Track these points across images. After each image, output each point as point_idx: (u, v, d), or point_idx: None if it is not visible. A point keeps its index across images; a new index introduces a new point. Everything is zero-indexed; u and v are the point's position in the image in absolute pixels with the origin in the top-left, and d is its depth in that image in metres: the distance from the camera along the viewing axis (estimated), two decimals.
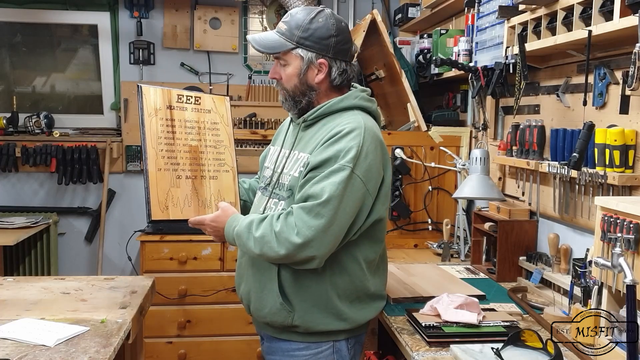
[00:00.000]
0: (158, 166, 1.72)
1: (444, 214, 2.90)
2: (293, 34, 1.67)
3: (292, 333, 1.71)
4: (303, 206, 1.55)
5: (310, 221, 1.52)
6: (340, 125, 1.63)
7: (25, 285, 2.12)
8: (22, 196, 3.92)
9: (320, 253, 1.55)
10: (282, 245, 1.54)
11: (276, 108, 3.92)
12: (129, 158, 3.94)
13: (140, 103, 1.73)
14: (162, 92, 1.77)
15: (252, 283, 1.74)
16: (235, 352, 3.46)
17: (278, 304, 1.66)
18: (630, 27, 1.58)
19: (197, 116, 1.83)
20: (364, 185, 1.59)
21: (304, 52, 1.67)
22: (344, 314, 1.68)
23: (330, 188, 1.53)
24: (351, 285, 1.69)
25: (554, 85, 2.23)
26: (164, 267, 3.39)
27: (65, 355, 1.50)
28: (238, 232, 1.63)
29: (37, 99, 4.03)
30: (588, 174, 1.85)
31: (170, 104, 1.78)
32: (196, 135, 1.82)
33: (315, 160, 1.60)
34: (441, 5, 3.08)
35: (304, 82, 1.70)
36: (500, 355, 1.49)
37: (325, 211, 1.52)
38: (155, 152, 1.72)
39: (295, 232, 1.52)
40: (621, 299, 1.50)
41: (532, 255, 2.25)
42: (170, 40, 3.92)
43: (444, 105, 3.30)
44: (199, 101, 1.84)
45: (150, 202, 1.70)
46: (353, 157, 1.56)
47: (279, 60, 1.72)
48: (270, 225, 1.57)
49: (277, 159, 1.80)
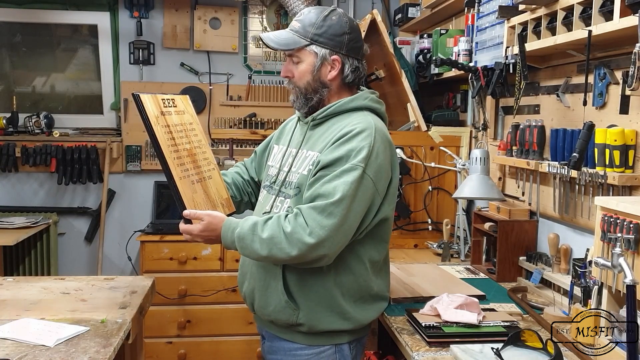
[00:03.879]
0: (179, 175, 1.65)
1: (444, 214, 2.90)
2: (307, 31, 1.69)
3: (296, 333, 1.70)
4: (314, 206, 1.53)
5: (323, 220, 1.51)
6: (350, 124, 1.64)
7: (25, 285, 2.12)
8: (22, 196, 3.92)
9: (331, 252, 1.55)
10: (294, 246, 1.52)
11: (276, 108, 3.91)
12: (128, 158, 3.94)
13: (144, 114, 1.63)
14: (153, 99, 1.69)
15: (257, 281, 1.74)
16: (235, 352, 3.47)
17: (283, 302, 1.66)
18: (630, 27, 1.58)
19: (180, 119, 1.77)
20: (374, 185, 1.60)
21: (318, 49, 1.69)
22: (347, 314, 1.68)
23: (342, 187, 1.53)
24: (355, 284, 1.69)
25: (554, 85, 2.23)
26: (164, 267, 3.39)
27: (65, 355, 1.50)
28: (240, 235, 1.59)
29: (37, 99, 4.03)
30: (588, 174, 1.85)
31: (162, 110, 1.70)
32: (186, 138, 1.75)
33: (326, 159, 1.59)
34: (441, 5, 3.08)
35: (317, 79, 1.71)
36: (500, 355, 1.49)
37: (337, 210, 1.52)
38: (172, 161, 1.65)
39: (308, 232, 1.51)
40: (621, 299, 1.50)
41: (532, 255, 2.25)
42: (170, 40, 3.92)
43: (444, 105, 3.30)
44: (175, 103, 1.78)
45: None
46: (365, 157, 1.57)
47: (291, 57, 1.73)
48: (279, 226, 1.55)
49: (284, 157, 1.79)
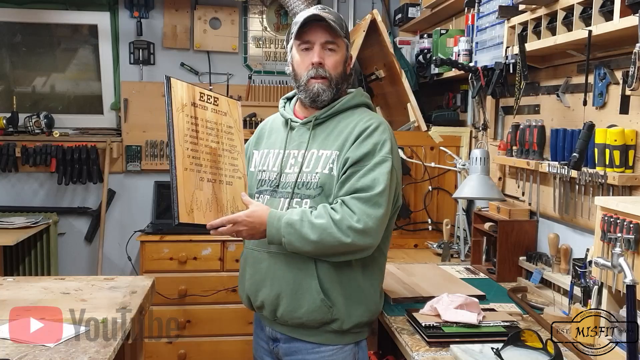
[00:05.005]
0: (184, 165, 1.61)
1: (444, 214, 2.90)
2: (340, 22, 1.73)
3: (325, 333, 1.70)
4: (358, 197, 1.59)
5: (369, 210, 1.57)
6: (363, 121, 1.70)
7: (25, 285, 2.12)
8: (22, 196, 3.92)
9: (375, 242, 1.61)
10: (343, 233, 1.55)
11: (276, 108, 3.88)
12: (128, 158, 3.94)
13: (168, 96, 1.62)
14: (188, 88, 1.69)
15: (283, 285, 1.69)
16: (235, 352, 3.46)
17: (318, 301, 1.65)
18: (630, 27, 1.58)
19: (216, 117, 1.75)
20: (397, 176, 1.70)
21: (346, 42, 1.77)
22: (372, 303, 1.74)
23: (382, 179, 1.60)
24: (378, 272, 1.76)
25: (554, 85, 2.23)
26: (164, 267, 3.39)
27: (65, 355, 1.50)
28: (290, 221, 1.59)
29: (37, 99, 4.03)
30: (588, 174, 1.85)
31: (194, 101, 1.69)
32: (215, 137, 1.73)
33: (354, 156, 1.64)
34: (441, 5, 3.08)
35: (345, 71, 1.77)
36: (500, 355, 1.49)
37: (382, 201, 1.59)
38: (182, 150, 1.61)
39: (356, 220, 1.56)
40: (621, 299, 1.50)
41: (532, 255, 2.25)
42: (170, 40, 3.92)
43: (444, 105, 3.30)
44: (217, 102, 1.77)
45: (178, 203, 1.57)
46: (389, 149, 1.65)
47: (327, 45, 1.73)
48: (327, 214, 1.58)
49: (283, 160, 1.76)
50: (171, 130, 1.60)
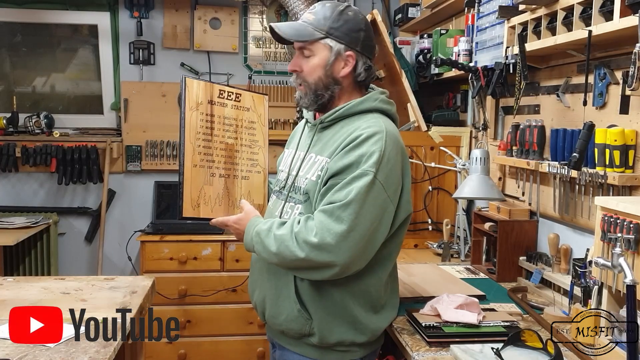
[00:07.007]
0: (194, 162, 1.69)
1: (444, 214, 2.90)
2: (323, 24, 1.62)
3: (307, 346, 1.64)
4: (324, 209, 1.49)
5: (330, 224, 1.46)
6: (360, 128, 1.57)
7: (25, 285, 2.11)
8: (22, 196, 3.92)
9: (340, 260, 1.47)
10: (299, 247, 1.48)
11: (277, 108, 3.90)
12: (129, 158, 3.94)
13: (183, 96, 1.68)
14: (205, 86, 1.73)
15: (268, 289, 1.69)
16: (235, 352, 3.47)
17: (295, 311, 1.60)
18: (630, 27, 1.58)
19: (236, 113, 1.80)
20: (385, 191, 1.53)
21: (334, 43, 1.61)
22: (360, 323, 1.62)
23: (354, 193, 1.47)
24: (367, 293, 1.63)
25: (554, 85, 2.23)
26: (164, 267, 3.39)
27: (65, 355, 1.50)
28: (259, 230, 1.58)
29: (37, 99, 4.03)
30: (588, 174, 1.85)
31: (212, 99, 1.74)
32: (233, 133, 1.79)
33: (335, 167, 1.54)
34: (441, 5, 3.08)
35: (329, 75, 1.63)
36: (500, 355, 1.49)
37: (345, 215, 1.46)
38: (193, 147, 1.69)
39: (314, 234, 1.47)
40: (621, 299, 1.50)
41: (532, 255, 2.25)
42: (170, 40, 3.92)
43: (444, 105, 3.30)
44: (239, 98, 1.81)
45: (183, 198, 1.65)
46: (375, 161, 1.50)
47: (302, 50, 1.65)
48: (291, 227, 1.52)
49: (292, 161, 1.75)
50: (182, 129, 1.67)
